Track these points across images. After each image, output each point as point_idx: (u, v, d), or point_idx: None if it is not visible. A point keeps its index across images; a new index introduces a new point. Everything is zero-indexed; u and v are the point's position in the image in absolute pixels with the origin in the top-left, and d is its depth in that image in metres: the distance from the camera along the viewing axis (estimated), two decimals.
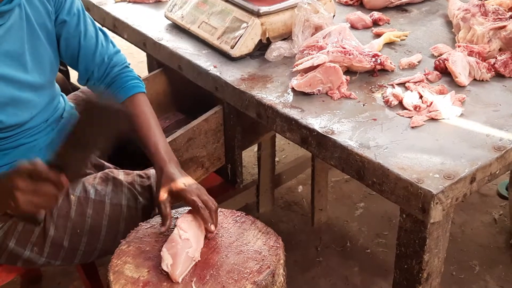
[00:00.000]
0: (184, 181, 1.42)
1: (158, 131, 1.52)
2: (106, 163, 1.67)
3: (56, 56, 1.52)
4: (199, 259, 1.34)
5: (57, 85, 1.60)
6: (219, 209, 1.49)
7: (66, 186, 1.20)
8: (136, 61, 3.64)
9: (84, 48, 1.55)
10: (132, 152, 1.83)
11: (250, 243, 1.39)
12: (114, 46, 1.63)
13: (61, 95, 1.63)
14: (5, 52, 1.37)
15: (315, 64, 1.62)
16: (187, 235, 1.33)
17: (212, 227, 1.37)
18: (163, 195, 1.41)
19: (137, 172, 1.59)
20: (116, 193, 1.52)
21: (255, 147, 2.51)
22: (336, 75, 1.61)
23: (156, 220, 1.45)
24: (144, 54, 2.26)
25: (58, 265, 1.54)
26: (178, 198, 1.41)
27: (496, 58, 1.71)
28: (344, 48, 1.70)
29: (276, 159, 2.64)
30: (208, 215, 1.37)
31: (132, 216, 1.52)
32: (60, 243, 1.48)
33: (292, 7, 1.81)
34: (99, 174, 1.57)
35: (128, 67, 1.62)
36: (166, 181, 1.42)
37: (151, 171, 1.59)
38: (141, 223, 1.46)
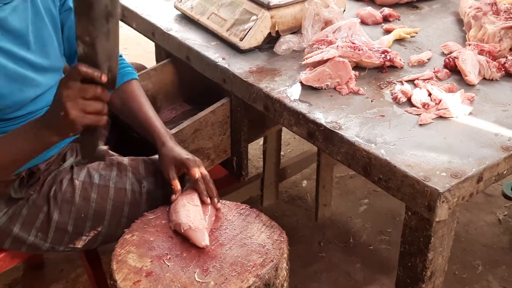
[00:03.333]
0: (185, 153, 1.51)
1: (153, 113, 1.60)
2: (110, 151, 1.68)
3: (61, 43, 1.52)
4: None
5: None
6: (223, 202, 1.49)
7: (109, 84, 1.21)
8: (144, 51, 3.64)
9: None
10: (136, 141, 1.83)
11: (254, 236, 1.39)
12: None
13: None
14: (10, 30, 1.38)
15: (324, 59, 1.61)
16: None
17: (208, 200, 1.44)
18: (170, 166, 1.48)
19: (142, 157, 1.61)
20: (120, 178, 1.53)
21: (260, 141, 2.50)
22: (345, 70, 1.60)
23: (161, 209, 1.45)
24: (153, 44, 2.25)
25: (62, 250, 1.54)
26: (181, 169, 1.48)
27: (506, 58, 1.69)
28: (353, 43, 1.69)
29: (282, 153, 2.64)
30: (204, 187, 1.46)
31: (136, 200, 1.53)
32: (64, 228, 1.49)
33: (303, 1, 1.80)
34: None
35: (122, 56, 1.65)
36: (169, 153, 1.50)
37: (156, 157, 1.59)
38: (146, 212, 1.46)
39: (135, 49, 3.79)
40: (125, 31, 3.46)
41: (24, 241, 1.49)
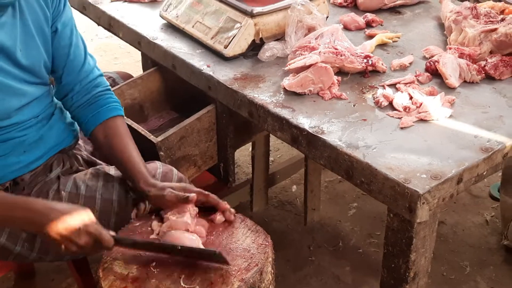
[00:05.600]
0: (172, 184, 1.49)
1: (136, 152, 1.54)
2: (97, 160, 1.69)
3: (50, 60, 1.52)
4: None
5: (52, 87, 1.61)
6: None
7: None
8: (133, 60, 3.66)
9: (71, 61, 1.55)
10: None
11: (239, 241, 1.40)
12: (98, 69, 1.64)
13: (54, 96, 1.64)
14: None
15: (307, 64, 1.64)
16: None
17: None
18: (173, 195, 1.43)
19: None
20: (107, 188, 1.54)
21: (250, 146, 2.52)
22: (327, 75, 1.63)
23: (147, 217, 1.47)
24: None
25: (49, 260, 1.55)
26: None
27: (486, 61, 1.72)
28: (336, 49, 1.71)
29: (271, 158, 2.66)
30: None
31: (123, 211, 1.53)
32: None
33: (286, 8, 1.82)
34: (90, 170, 1.58)
35: (110, 90, 1.63)
36: (164, 186, 1.46)
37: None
38: (132, 220, 1.47)
39: (125, 58, 3.81)
40: (115, 40, 3.49)
41: (11, 251, 1.50)
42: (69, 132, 1.62)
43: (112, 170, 1.58)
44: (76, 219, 1.29)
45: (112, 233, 1.34)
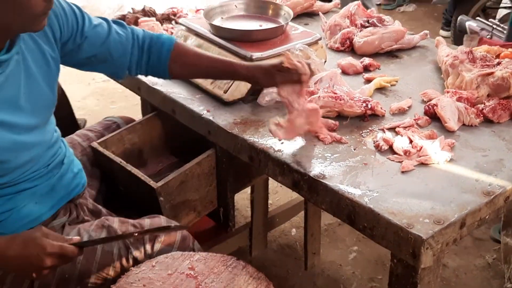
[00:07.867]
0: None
1: (214, 56, 1.71)
2: (103, 209, 1.68)
3: (54, 94, 1.52)
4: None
5: (57, 129, 1.60)
6: (210, 254, 1.49)
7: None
8: (131, 103, 3.68)
9: (114, 43, 1.60)
10: (122, 195, 1.83)
11: None
12: (127, 27, 1.66)
13: (62, 140, 1.63)
14: (3, 99, 1.36)
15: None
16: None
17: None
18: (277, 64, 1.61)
19: (132, 221, 1.60)
20: None
21: (248, 190, 2.51)
22: (314, 116, 1.60)
23: (146, 265, 1.45)
24: (139, 97, 2.28)
25: None
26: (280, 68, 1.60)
27: (484, 104, 1.73)
28: (335, 93, 1.73)
29: (270, 201, 2.64)
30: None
31: (122, 265, 1.52)
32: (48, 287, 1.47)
33: (284, 53, 1.84)
34: (96, 221, 1.58)
35: (148, 33, 1.68)
36: (264, 66, 1.64)
37: (145, 221, 1.61)
38: (132, 268, 1.45)
39: (122, 101, 3.83)
40: (112, 84, 3.53)
41: None
42: (78, 181, 1.63)
43: (116, 223, 1.58)
44: (32, 250, 1.27)
45: (75, 238, 1.35)
